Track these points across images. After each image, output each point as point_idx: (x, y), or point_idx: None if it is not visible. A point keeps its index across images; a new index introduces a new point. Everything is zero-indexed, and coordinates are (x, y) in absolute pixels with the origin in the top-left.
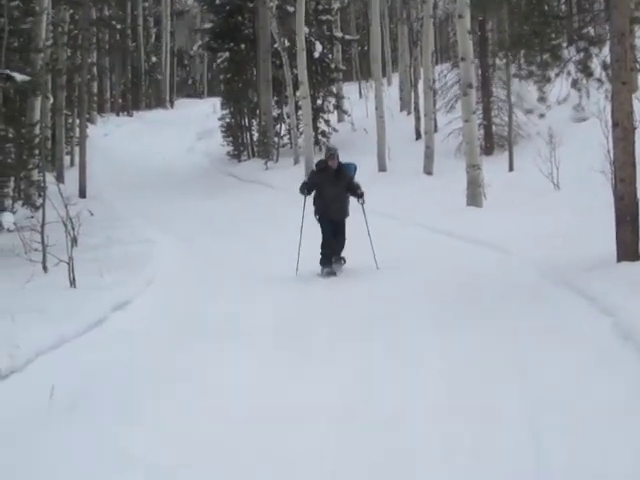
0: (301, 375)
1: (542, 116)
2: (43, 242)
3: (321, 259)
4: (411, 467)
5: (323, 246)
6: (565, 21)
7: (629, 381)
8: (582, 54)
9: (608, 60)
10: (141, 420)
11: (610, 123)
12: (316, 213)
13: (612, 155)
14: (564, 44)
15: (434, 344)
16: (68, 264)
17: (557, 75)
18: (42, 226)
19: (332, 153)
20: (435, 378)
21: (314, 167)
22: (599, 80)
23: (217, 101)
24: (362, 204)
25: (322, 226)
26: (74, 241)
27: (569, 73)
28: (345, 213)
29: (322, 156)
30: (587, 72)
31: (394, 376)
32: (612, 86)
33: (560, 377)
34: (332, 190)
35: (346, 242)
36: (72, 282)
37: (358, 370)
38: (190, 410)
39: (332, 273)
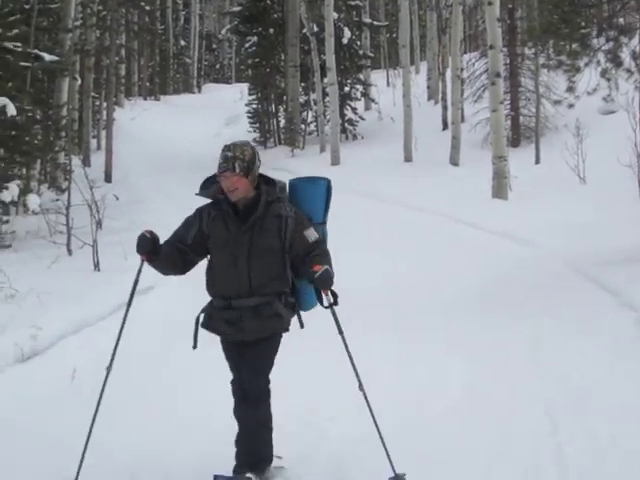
0: None
1: (571, 106)
2: (68, 225)
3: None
4: None
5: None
6: (595, 10)
7: None
8: (612, 43)
9: (638, 50)
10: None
11: (638, 113)
12: (203, 320)
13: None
14: (594, 33)
15: (461, 332)
16: (92, 247)
17: (586, 65)
18: (67, 209)
19: (230, 157)
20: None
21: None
22: (629, 70)
23: (245, 86)
24: (330, 307)
25: (226, 355)
26: (99, 224)
27: (598, 63)
28: (273, 321)
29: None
30: (617, 62)
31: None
32: None
33: (576, 367)
34: (239, 259)
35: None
36: (96, 265)
37: None
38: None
39: None
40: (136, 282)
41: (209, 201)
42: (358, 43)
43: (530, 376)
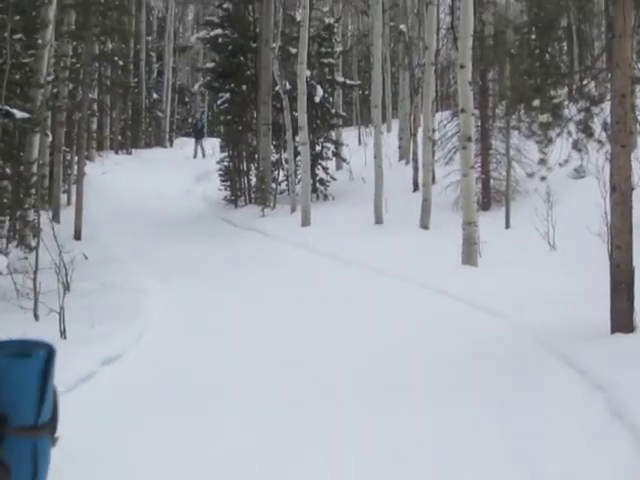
0: None
1: (543, 179)
2: (35, 289)
3: None
4: None
5: None
6: (567, 77)
7: (617, 462)
8: (583, 114)
9: (609, 120)
10: None
11: (608, 183)
12: None
13: (609, 219)
14: (565, 102)
15: (423, 415)
16: (59, 314)
17: (558, 135)
18: (35, 272)
19: None
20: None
21: None
22: (599, 141)
23: (216, 142)
24: None
25: None
26: (66, 288)
27: (570, 133)
28: None
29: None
30: (588, 132)
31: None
32: (611, 149)
33: (547, 453)
34: None
35: None
36: (62, 333)
37: None
38: None
39: None
40: None
41: None
42: (330, 101)
43: (501, 460)
